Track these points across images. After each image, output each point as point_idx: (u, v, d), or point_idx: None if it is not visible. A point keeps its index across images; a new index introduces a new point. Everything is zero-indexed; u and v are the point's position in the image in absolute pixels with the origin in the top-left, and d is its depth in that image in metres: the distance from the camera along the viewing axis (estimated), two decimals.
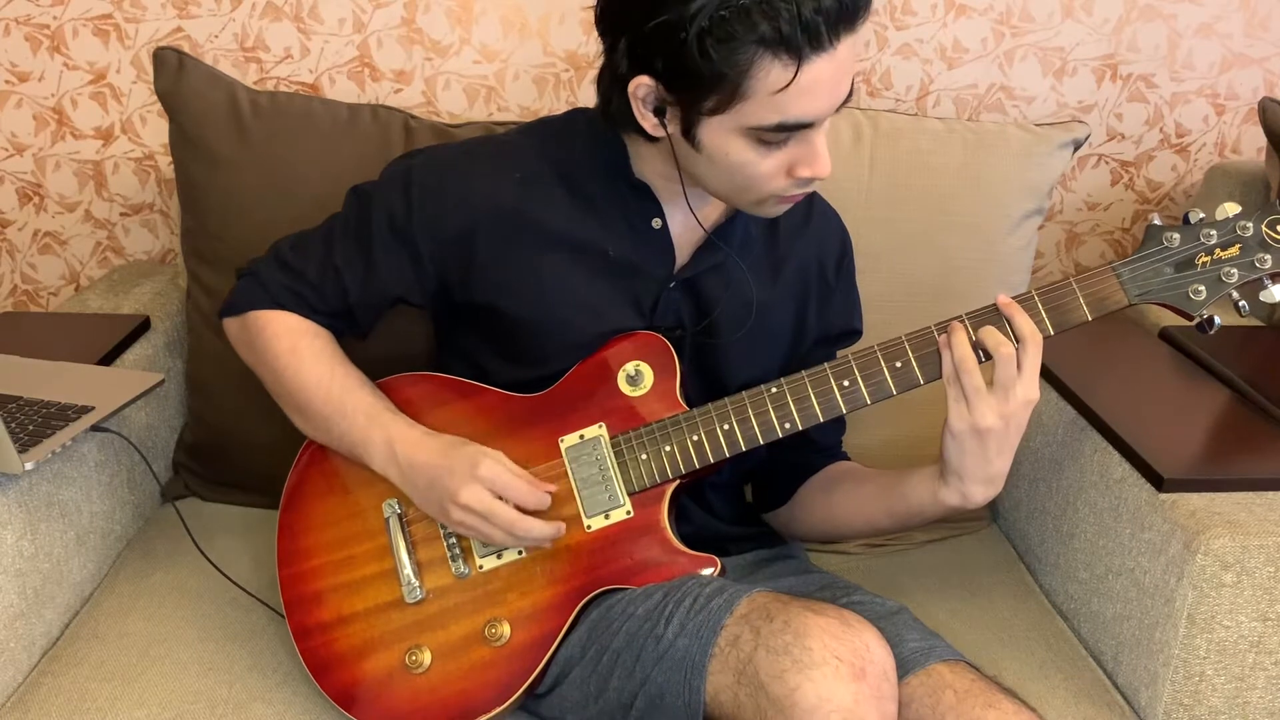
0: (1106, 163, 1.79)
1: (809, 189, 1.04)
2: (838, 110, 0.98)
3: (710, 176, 1.03)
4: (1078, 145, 1.48)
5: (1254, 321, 1.57)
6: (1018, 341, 1.00)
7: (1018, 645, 1.23)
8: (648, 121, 1.01)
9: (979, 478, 1.03)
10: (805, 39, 0.90)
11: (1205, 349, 1.39)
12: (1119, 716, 1.14)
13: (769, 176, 1.00)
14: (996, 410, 0.99)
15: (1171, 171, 1.79)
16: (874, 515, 1.14)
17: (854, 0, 0.91)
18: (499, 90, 1.71)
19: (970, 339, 1.01)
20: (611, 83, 1.02)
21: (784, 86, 0.92)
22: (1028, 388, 0.99)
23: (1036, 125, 1.50)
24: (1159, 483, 1.13)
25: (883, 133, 1.46)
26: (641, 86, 0.98)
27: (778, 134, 0.96)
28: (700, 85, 0.94)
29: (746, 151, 0.98)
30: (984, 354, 1.01)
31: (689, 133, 0.99)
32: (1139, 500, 1.15)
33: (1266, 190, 1.61)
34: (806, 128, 0.96)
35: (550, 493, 1.06)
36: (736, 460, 1.09)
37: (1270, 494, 1.12)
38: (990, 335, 1.00)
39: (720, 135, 0.98)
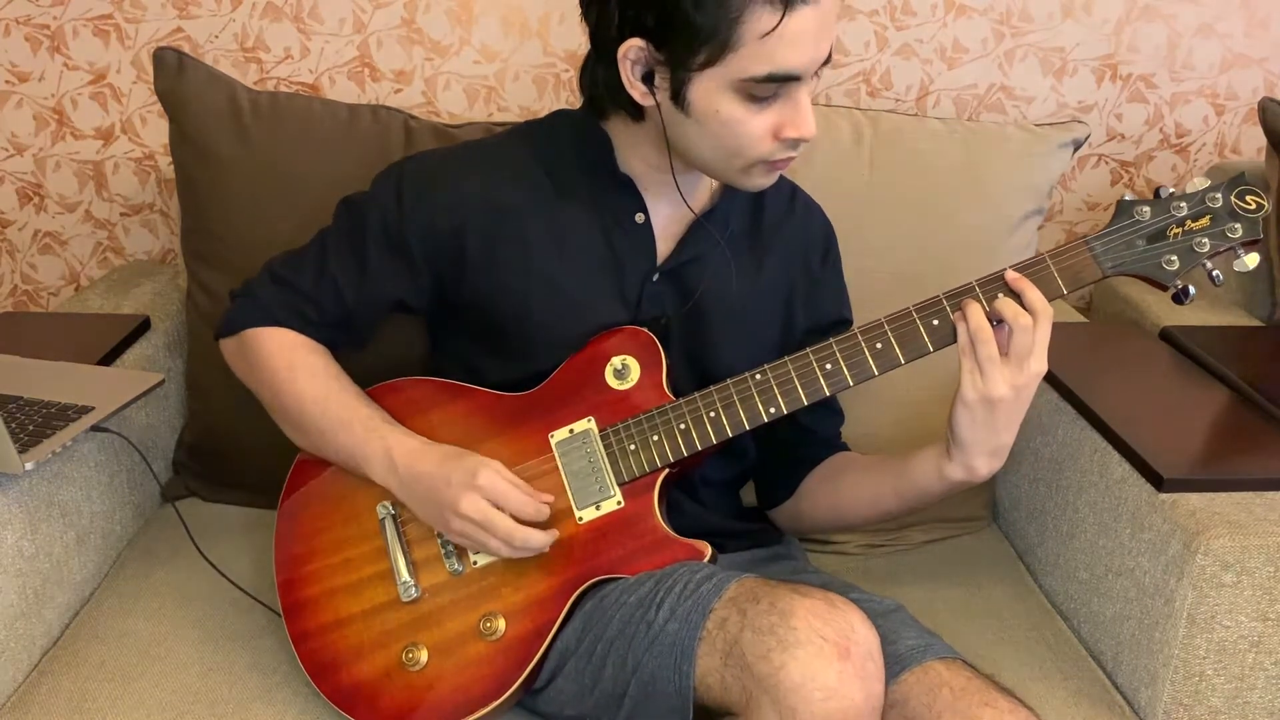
0: (1106, 163, 1.79)
1: (795, 153, 1.06)
2: (817, 73, 1.01)
3: (699, 144, 1.05)
4: (1077, 145, 1.48)
5: (1254, 321, 1.57)
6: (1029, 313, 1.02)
7: (1017, 645, 1.23)
8: (636, 90, 1.04)
9: (985, 450, 1.04)
10: None
11: (1205, 349, 1.39)
12: (1119, 716, 1.14)
13: (758, 138, 1.02)
14: (1009, 381, 1.01)
15: (1171, 171, 1.79)
16: (881, 500, 1.15)
17: None
18: (499, 90, 1.71)
19: (984, 310, 1.02)
20: (599, 56, 1.05)
21: (772, 29, 0.96)
22: (1039, 359, 1.02)
23: (1036, 125, 1.50)
24: (1159, 483, 1.13)
25: (883, 133, 1.46)
26: (632, 49, 1.01)
27: (767, 86, 0.99)
28: (692, 37, 0.97)
29: (736, 108, 1.01)
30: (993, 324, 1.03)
31: (678, 95, 1.02)
32: (1139, 500, 1.15)
33: (1266, 191, 1.61)
34: (794, 81, 0.99)
35: (548, 503, 1.07)
36: (725, 449, 1.10)
37: (1270, 494, 1.12)
38: (1008, 306, 1.02)
39: (711, 93, 1.00)
